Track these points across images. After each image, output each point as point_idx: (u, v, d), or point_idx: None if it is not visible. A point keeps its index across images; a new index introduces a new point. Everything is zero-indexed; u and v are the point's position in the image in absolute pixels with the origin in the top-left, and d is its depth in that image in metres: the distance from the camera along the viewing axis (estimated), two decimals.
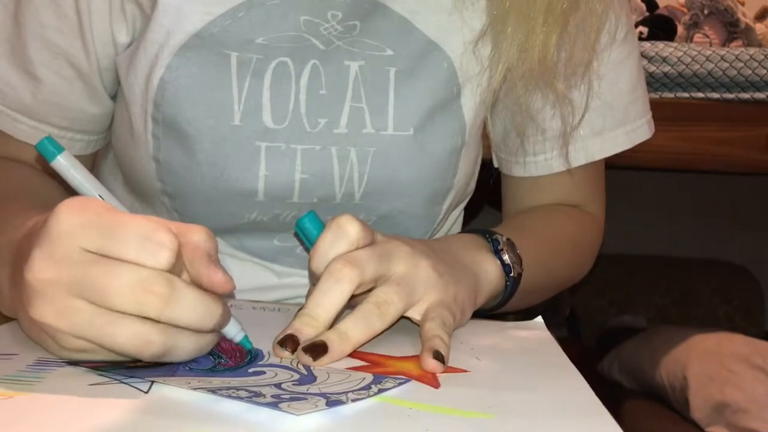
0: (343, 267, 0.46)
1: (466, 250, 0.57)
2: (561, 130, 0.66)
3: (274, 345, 0.44)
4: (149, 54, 0.58)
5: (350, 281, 0.45)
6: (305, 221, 0.51)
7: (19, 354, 0.42)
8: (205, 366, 0.42)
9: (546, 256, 0.66)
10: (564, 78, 0.63)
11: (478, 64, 0.63)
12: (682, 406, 1.51)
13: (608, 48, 0.65)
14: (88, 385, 0.37)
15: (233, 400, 0.36)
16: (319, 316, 0.45)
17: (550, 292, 0.73)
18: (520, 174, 0.71)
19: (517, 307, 0.65)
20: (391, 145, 0.61)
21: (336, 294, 0.45)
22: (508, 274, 0.58)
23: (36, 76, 0.60)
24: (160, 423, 0.33)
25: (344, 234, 0.48)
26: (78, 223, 0.38)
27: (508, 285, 0.59)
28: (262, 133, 0.59)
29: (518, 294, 0.60)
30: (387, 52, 0.61)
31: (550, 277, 0.69)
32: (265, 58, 0.58)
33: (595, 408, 0.38)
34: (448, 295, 0.50)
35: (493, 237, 0.59)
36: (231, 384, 0.39)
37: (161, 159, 0.60)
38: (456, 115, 0.63)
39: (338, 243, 0.48)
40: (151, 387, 0.38)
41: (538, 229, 0.69)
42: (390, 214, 0.64)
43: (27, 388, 0.36)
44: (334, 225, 0.48)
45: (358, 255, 0.47)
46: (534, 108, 0.66)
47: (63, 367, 0.40)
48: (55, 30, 0.59)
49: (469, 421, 0.35)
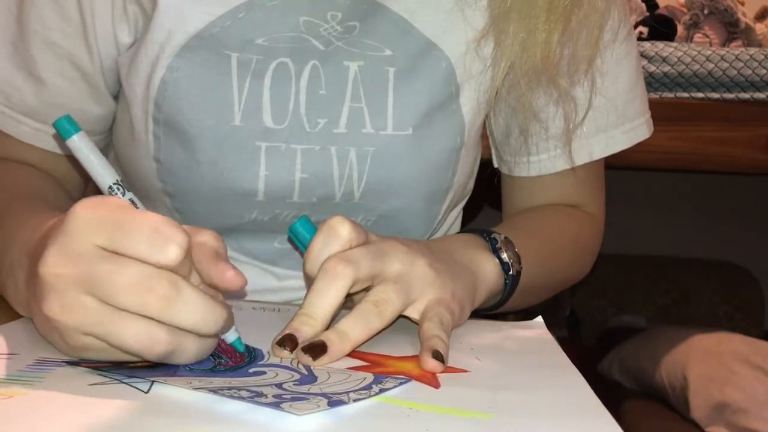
0: (336, 265, 0.46)
1: (463, 249, 0.57)
2: (564, 127, 0.66)
3: (273, 345, 0.44)
4: (150, 55, 0.58)
5: (344, 278, 0.46)
6: (297, 226, 0.51)
7: (19, 354, 0.42)
8: (205, 366, 0.42)
9: (545, 256, 0.66)
10: (567, 75, 0.63)
11: (480, 63, 0.63)
12: (682, 406, 1.51)
13: (610, 45, 0.65)
14: (88, 385, 0.37)
15: (234, 400, 0.36)
16: (316, 315, 0.45)
17: (549, 291, 0.73)
18: (522, 174, 0.71)
19: (516, 307, 0.65)
20: (391, 144, 0.61)
21: (331, 292, 0.46)
22: (507, 273, 0.58)
23: (39, 77, 0.61)
24: (160, 423, 0.33)
25: (336, 235, 0.48)
26: (92, 219, 0.38)
27: (507, 283, 0.59)
28: (262, 133, 0.59)
29: (518, 293, 0.60)
30: (386, 52, 0.61)
31: (550, 277, 0.69)
32: (265, 59, 0.59)
33: (595, 408, 0.38)
34: (446, 293, 0.50)
35: (491, 236, 0.59)
36: (232, 384, 0.39)
37: (162, 159, 0.60)
38: (455, 115, 0.63)
39: (331, 244, 0.48)
40: (151, 387, 0.38)
41: (538, 228, 0.69)
42: (389, 213, 0.64)
43: (27, 388, 0.36)
44: (325, 227, 0.48)
45: (351, 253, 0.47)
46: (537, 106, 0.66)
47: (63, 367, 0.40)
48: (59, 32, 0.59)
49: (469, 421, 0.35)
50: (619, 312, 2.12)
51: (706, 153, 1.48)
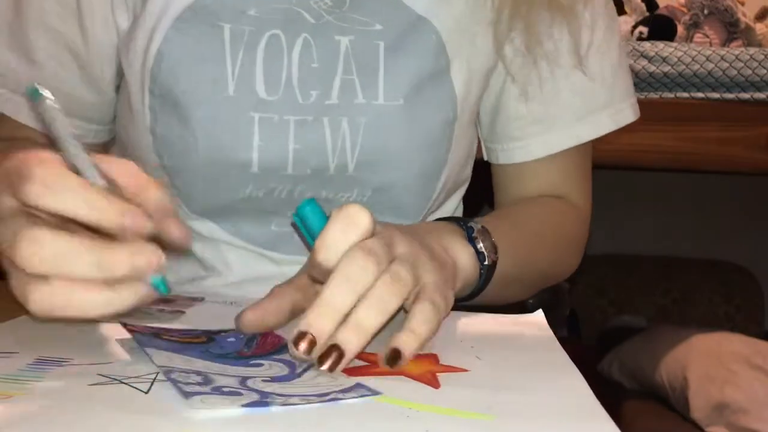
0: (365, 259, 0.44)
1: (440, 237, 0.55)
2: (572, 47, 0.67)
3: (290, 342, 0.42)
4: (146, 27, 0.60)
5: (372, 273, 0.43)
6: (307, 211, 0.48)
7: (19, 353, 0.42)
8: (235, 348, 0.45)
9: (526, 246, 0.66)
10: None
11: None
12: (682, 406, 1.51)
13: (596, 24, 0.67)
14: (88, 385, 0.37)
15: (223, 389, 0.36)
16: (341, 309, 0.43)
17: (532, 284, 0.72)
18: (509, 161, 0.72)
19: (498, 298, 0.64)
20: (383, 114, 0.62)
21: (360, 285, 0.43)
22: (482, 262, 0.57)
23: (34, 60, 0.63)
24: (160, 423, 0.33)
25: (356, 224, 0.45)
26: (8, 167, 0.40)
27: (482, 273, 0.58)
28: (255, 104, 0.60)
29: (496, 283, 0.60)
30: (376, 27, 0.62)
31: (530, 268, 0.68)
32: (257, 31, 0.60)
33: (594, 410, 0.38)
34: (440, 278, 0.49)
35: (467, 224, 0.59)
36: (209, 369, 0.40)
37: (158, 132, 0.61)
38: (446, 87, 0.65)
39: (350, 233, 0.45)
40: (151, 387, 0.38)
41: (518, 218, 0.69)
42: (384, 187, 0.64)
43: (27, 388, 0.37)
44: (343, 214, 0.45)
45: (371, 244, 0.45)
46: (542, 31, 0.67)
47: (63, 366, 0.40)
48: (56, 16, 0.62)
49: (469, 422, 0.35)
50: (619, 312, 2.12)
51: (706, 153, 1.48)
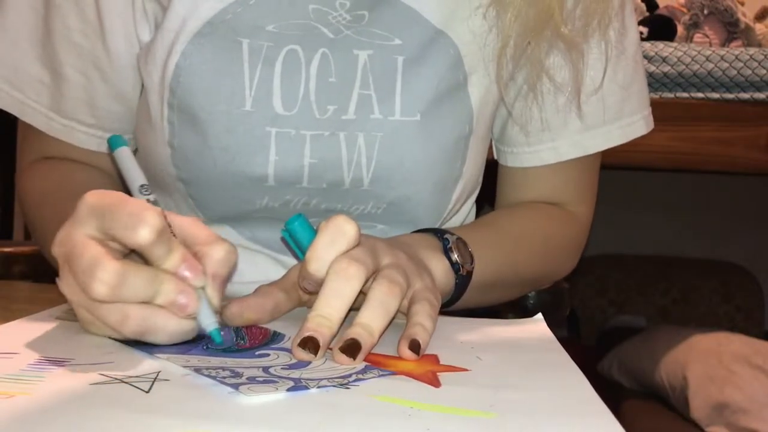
0: (349, 266, 0.45)
1: (418, 248, 0.57)
2: (573, 83, 0.66)
3: (294, 347, 0.44)
4: (166, 42, 0.60)
5: (358, 279, 0.45)
6: (296, 225, 0.50)
7: (20, 353, 0.42)
8: (224, 346, 0.44)
9: (509, 251, 0.67)
10: (580, 31, 0.64)
11: (485, 24, 0.64)
12: (682, 406, 1.51)
13: (620, 12, 0.66)
14: (88, 385, 0.37)
15: (220, 386, 0.36)
16: (332, 316, 0.44)
17: (518, 287, 0.73)
18: (516, 164, 0.72)
19: (479, 303, 0.66)
20: (399, 130, 0.62)
21: (347, 293, 0.45)
22: (457, 273, 0.59)
23: (64, 75, 0.64)
24: (160, 423, 0.33)
25: (343, 234, 0.47)
26: (90, 205, 0.43)
27: (457, 282, 0.59)
28: (272, 118, 0.60)
29: (475, 290, 0.61)
30: (395, 42, 0.62)
31: (515, 273, 0.69)
32: (276, 46, 0.60)
33: (597, 407, 0.38)
34: (428, 281, 0.52)
35: (443, 236, 0.60)
36: (226, 364, 0.41)
37: (176, 144, 0.62)
38: (463, 102, 0.64)
39: (338, 243, 0.47)
40: (152, 387, 0.38)
41: (505, 224, 0.69)
42: (399, 201, 0.65)
43: (27, 388, 0.36)
44: (331, 226, 0.47)
45: (357, 253, 0.47)
46: (547, 63, 0.66)
47: (64, 366, 0.40)
48: (79, 32, 0.63)
49: (470, 420, 0.35)
50: (619, 312, 2.12)
51: (706, 153, 1.48)
